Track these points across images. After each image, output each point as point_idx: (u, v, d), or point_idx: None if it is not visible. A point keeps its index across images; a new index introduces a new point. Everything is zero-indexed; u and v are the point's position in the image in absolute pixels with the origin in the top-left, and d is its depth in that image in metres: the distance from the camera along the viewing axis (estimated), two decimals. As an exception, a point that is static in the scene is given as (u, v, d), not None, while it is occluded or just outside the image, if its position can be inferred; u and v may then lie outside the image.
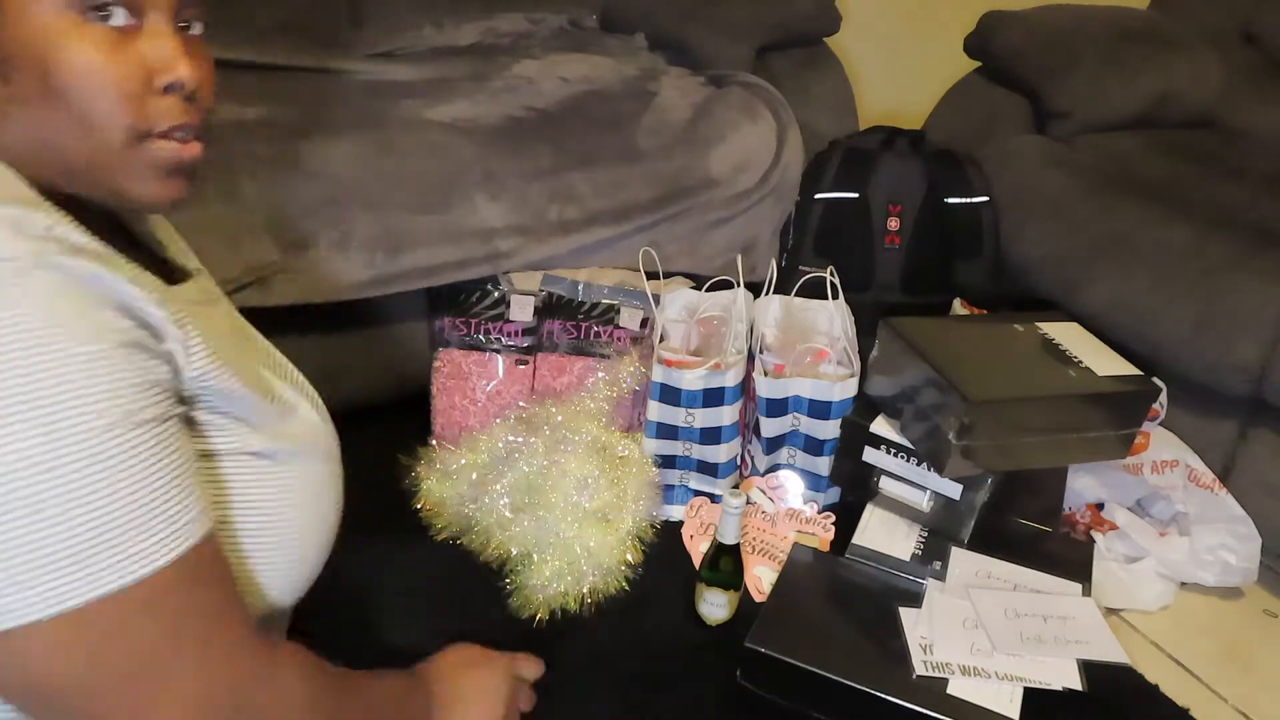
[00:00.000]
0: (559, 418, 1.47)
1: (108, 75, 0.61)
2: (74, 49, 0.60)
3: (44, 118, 0.61)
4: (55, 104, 0.60)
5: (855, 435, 1.43)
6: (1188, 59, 2.01)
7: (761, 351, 1.52)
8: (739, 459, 1.57)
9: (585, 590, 1.34)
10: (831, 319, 1.58)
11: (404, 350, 1.66)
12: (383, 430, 1.64)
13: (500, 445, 1.47)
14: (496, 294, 1.57)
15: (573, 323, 1.62)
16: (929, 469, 1.37)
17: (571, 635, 1.30)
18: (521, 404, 1.57)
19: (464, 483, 1.44)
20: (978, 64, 2.16)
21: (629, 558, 1.39)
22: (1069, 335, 1.46)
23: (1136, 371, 1.39)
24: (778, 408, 1.47)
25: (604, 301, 1.62)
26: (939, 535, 1.40)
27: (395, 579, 1.34)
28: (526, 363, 1.61)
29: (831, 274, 1.57)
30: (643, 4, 2.09)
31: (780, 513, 1.50)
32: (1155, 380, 1.58)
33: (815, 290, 1.58)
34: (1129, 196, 1.72)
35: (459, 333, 1.58)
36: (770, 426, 1.49)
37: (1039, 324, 1.47)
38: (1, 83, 0.60)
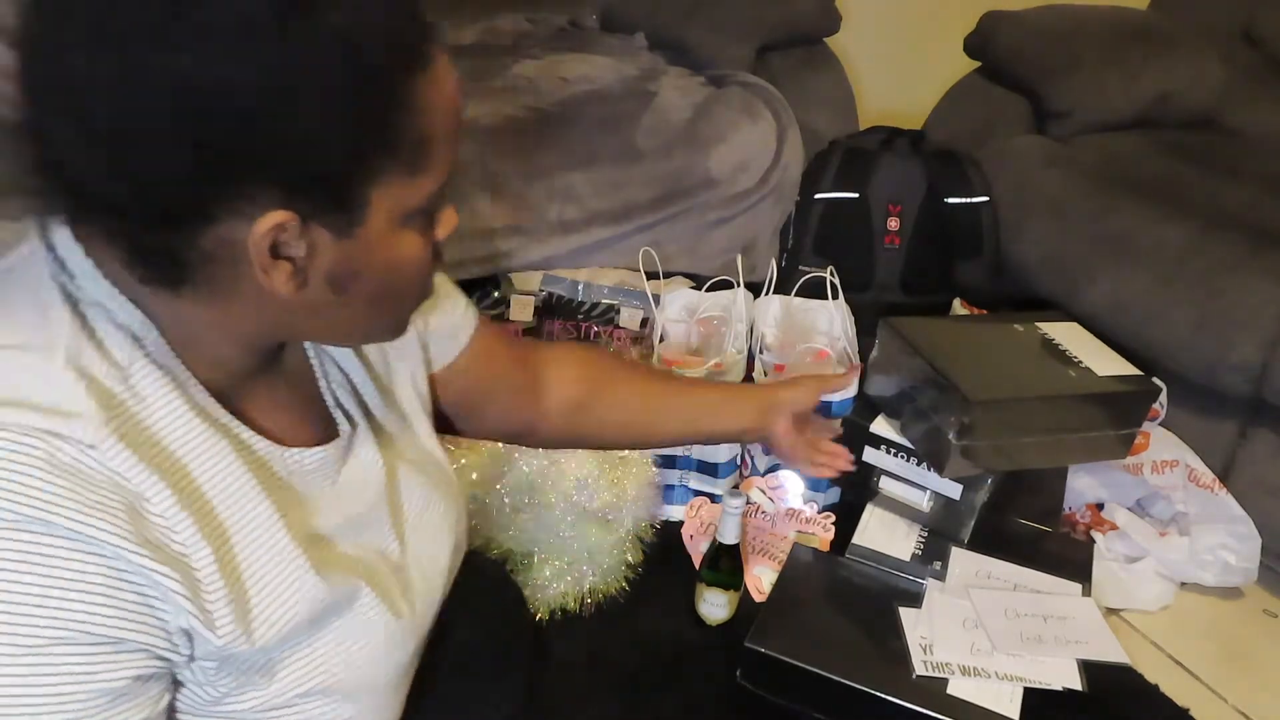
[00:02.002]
0: (559, 418, 1.47)
1: (426, 266, 0.59)
2: (411, 254, 0.57)
3: (347, 315, 0.58)
4: (373, 304, 0.58)
5: (855, 435, 1.42)
6: (1188, 59, 2.01)
7: (761, 351, 1.52)
8: (739, 459, 1.57)
9: (585, 590, 1.34)
10: (831, 319, 1.58)
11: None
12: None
13: (500, 445, 1.47)
14: (496, 294, 1.57)
15: (573, 323, 1.62)
16: (929, 469, 1.37)
17: (571, 635, 1.30)
18: (521, 404, 1.57)
19: (464, 483, 1.44)
20: (978, 64, 2.16)
21: (629, 558, 1.39)
22: (1069, 335, 1.46)
23: (1136, 371, 1.39)
24: (778, 408, 1.47)
25: (604, 301, 1.62)
26: (939, 535, 1.40)
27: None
28: (526, 363, 1.61)
29: (831, 274, 1.57)
30: (643, 4, 2.09)
31: (780, 513, 1.50)
32: (1155, 380, 1.58)
33: (815, 290, 1.58)
34: (1129, 196, 1.72)
35: (459, 333, 1.58)
36: (770, 426, 1.49)
37: (1039, 324, 1.47)
38: (335, 293, 0.55)
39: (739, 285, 1.55)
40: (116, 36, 0.45)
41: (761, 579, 1.40)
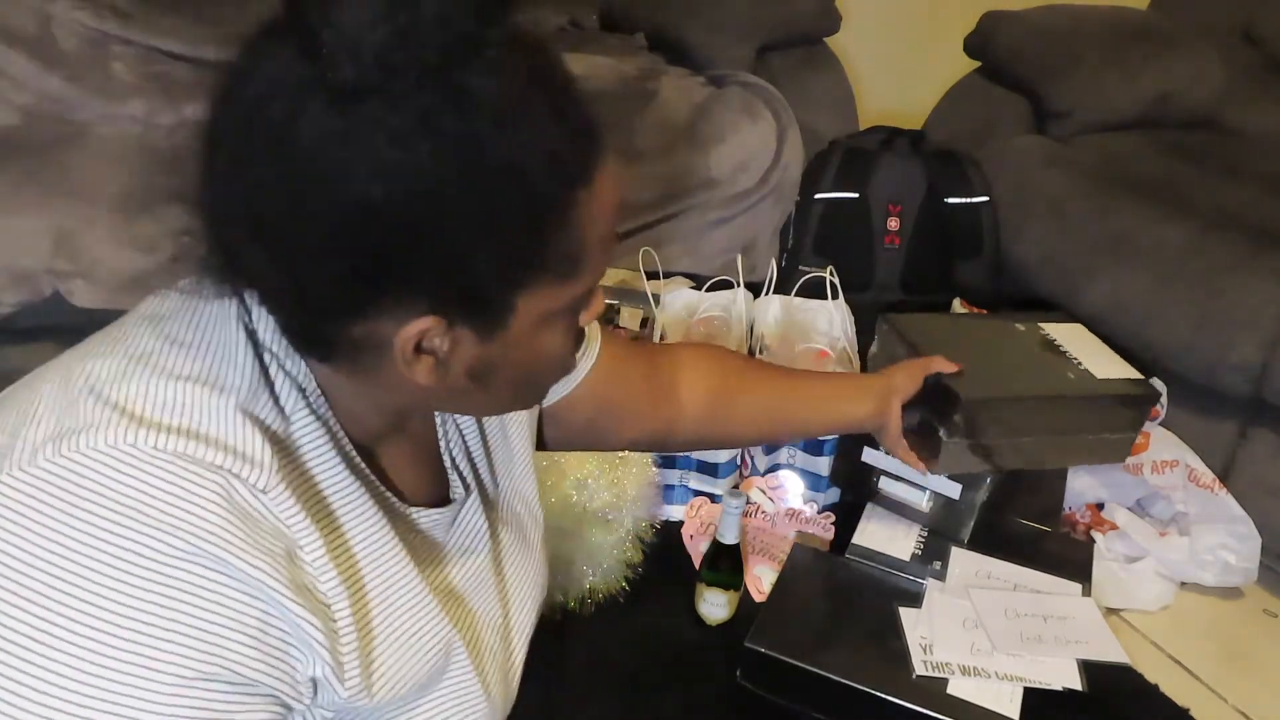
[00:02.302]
0: (559, 418, 1.47)
1: (569, 354, 0.61)
2: (554, 347, 0.58)
3: (484, 398, 0.59)
4: (511, 389, 0.59)
5: (854, 435, 1.42)
6: (1188, 59, 2.01)
7: (761, 351, 1.52)
8: (739, 459, 1.57)
9: (585, 590, 1.34)
10: (831, 319, 1.58)
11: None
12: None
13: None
14: (496, 294, 1.57)
15: (573, 323, 1.62)
16: (929, 469, 1.37)
17: (571, 635, 1.30)
18: (521, 404, 1.57)
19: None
20: (978, 64, 2.16)
21: (629, 558, 1.39)
22: (1071, 336, 1.46)
23: (1137, 375, 1.39)
24: (778, 408, 1.47)
25: (604, 301, 1.62)
26: (939, 535, 1.40)
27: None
28: (526, 363, 1.61)
29: (831, 274, 1.57)
30: (643, 4, 2.09)
31: (780, 513, 1.50)
32: (1155, 381, 1.58)
33: (815, 290, 1.58)
34: (1129, 196, 1.72)
35: (459, 333, 1.58)
36: (770, 426, 1.49)
37: (1041, 324, 1.47)
38: (474, 382, 0.55)
39: (739, 285, 1.55)
40: (290, 157, 0.46)
41: (761, 579, 1.40)
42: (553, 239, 0.51)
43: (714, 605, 1.31)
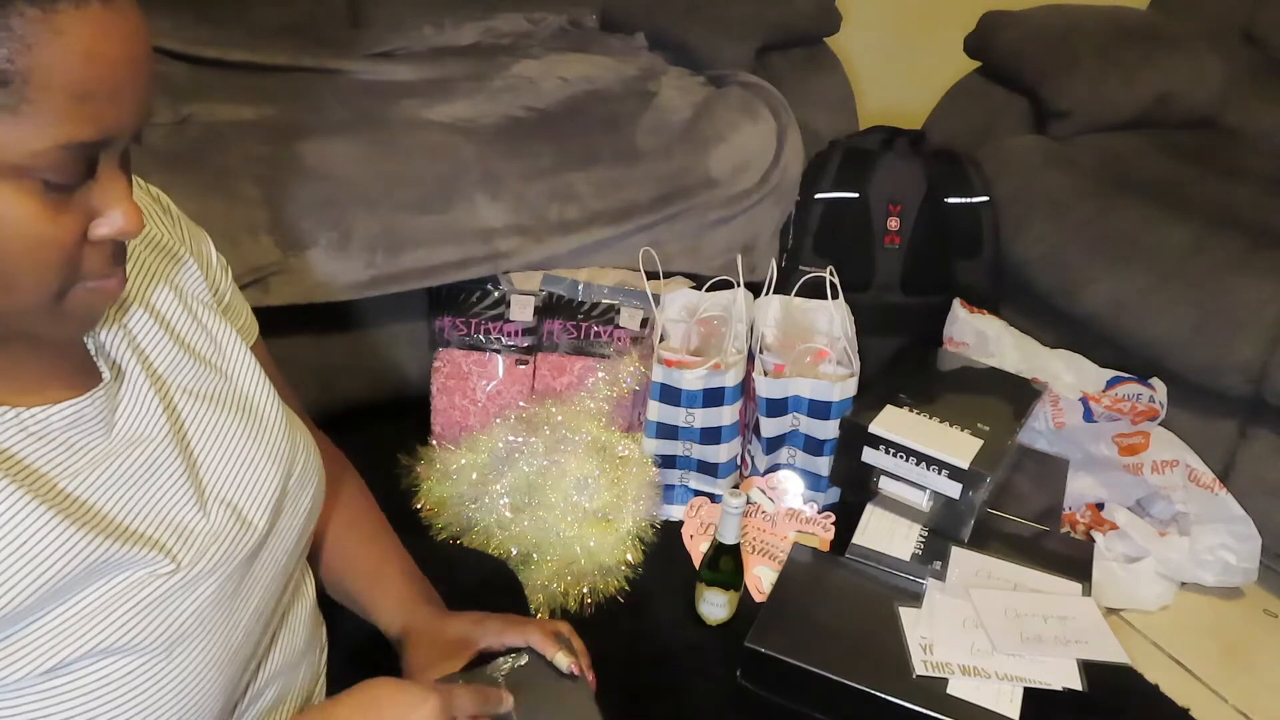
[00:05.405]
0: (559, 418, 1.47)
1: (44, 240, 0.51)
2: (17, 221, 0.49)
3: None
4: None
5: (854, 435, 1.43)
6: (1188, 59, 2.01)
7: (761, 351, 1.52)
8: (739, 459, 1.57)
9: (585, 590, 1.34)
10: (831, 319, 1.58)
11: (404, 350, 1.66)
12: (383, 430, 1.64)
13: (500, 445, 1.47)
14: (496, 294, 1.57)
15: (573, 323, 1.62)
16: (928, 468, 1.37)
17: (571, 635, 1.30)
18: (521, 404, 1.57)
19: (464, 483, 1.44)
20: (978, 64, 2.16)
21: (629, 558, 1.39)
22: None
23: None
24: (778, 408, 1.47)
25: (604, 301, 1.62)
26: (939, 535, 1.40)
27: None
28: (526, 363, 1.61)
29: (831, 274, 1.57)
30: (643, 4, 2.09)
31: (780, 513, 1.50)
32: (1155, 380, 1.58)
33: (815, 290, 1.58)
34: (1129, 196, 1.72)
35: (459, 333, 1.58)
36: (770, 426, 1.49)
37: None
38: None
39: (739, 285, 1.55)
40: None
41: (761, 579, 1.40)
42: None
43: (714, 605, 1.31)
